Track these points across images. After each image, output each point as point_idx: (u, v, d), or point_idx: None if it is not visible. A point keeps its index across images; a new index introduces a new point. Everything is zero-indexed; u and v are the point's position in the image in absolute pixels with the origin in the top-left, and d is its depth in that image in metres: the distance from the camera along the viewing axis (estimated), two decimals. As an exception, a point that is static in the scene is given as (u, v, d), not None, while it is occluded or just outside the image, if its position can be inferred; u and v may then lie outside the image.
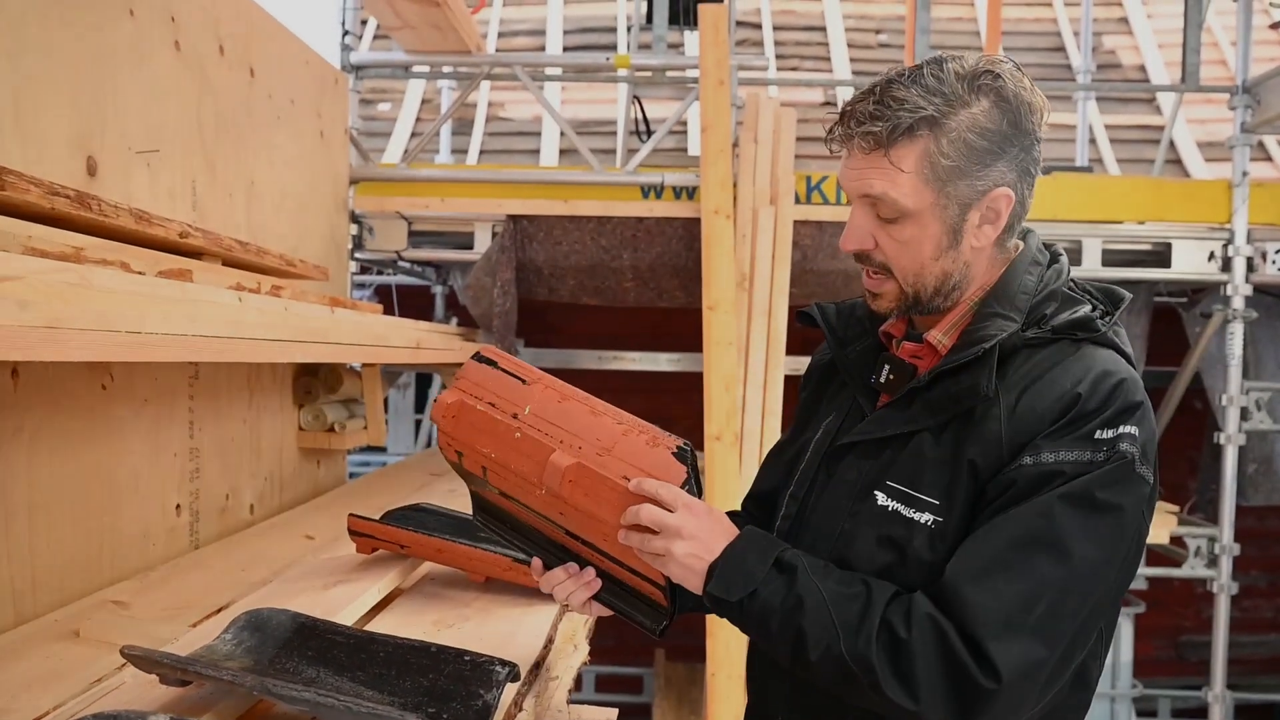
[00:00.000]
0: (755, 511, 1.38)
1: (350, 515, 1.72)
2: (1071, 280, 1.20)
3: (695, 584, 1.07)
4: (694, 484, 1.08)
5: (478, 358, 1.15)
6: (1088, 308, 1.14)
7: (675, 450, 1.09)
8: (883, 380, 1.20)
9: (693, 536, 1.06)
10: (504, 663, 1.11)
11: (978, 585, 1.01)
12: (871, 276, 1.16)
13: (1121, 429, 1.05)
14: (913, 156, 1.07)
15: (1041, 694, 1.02)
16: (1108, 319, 1.14)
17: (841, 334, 1.28)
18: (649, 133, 3.92)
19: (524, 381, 1.13)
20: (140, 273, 1.20)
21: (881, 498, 1.14)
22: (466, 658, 1.10)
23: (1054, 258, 1.19)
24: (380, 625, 1.44)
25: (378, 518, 1.75)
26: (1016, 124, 1.08)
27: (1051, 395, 1.07)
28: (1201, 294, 3.81)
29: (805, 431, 1.30)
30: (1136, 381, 1.09)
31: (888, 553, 1.13)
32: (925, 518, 1.10)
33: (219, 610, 1.45)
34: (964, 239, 1.12)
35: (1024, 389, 1.09)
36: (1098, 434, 1.04)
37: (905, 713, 1.00)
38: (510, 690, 1.13)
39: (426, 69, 3.99)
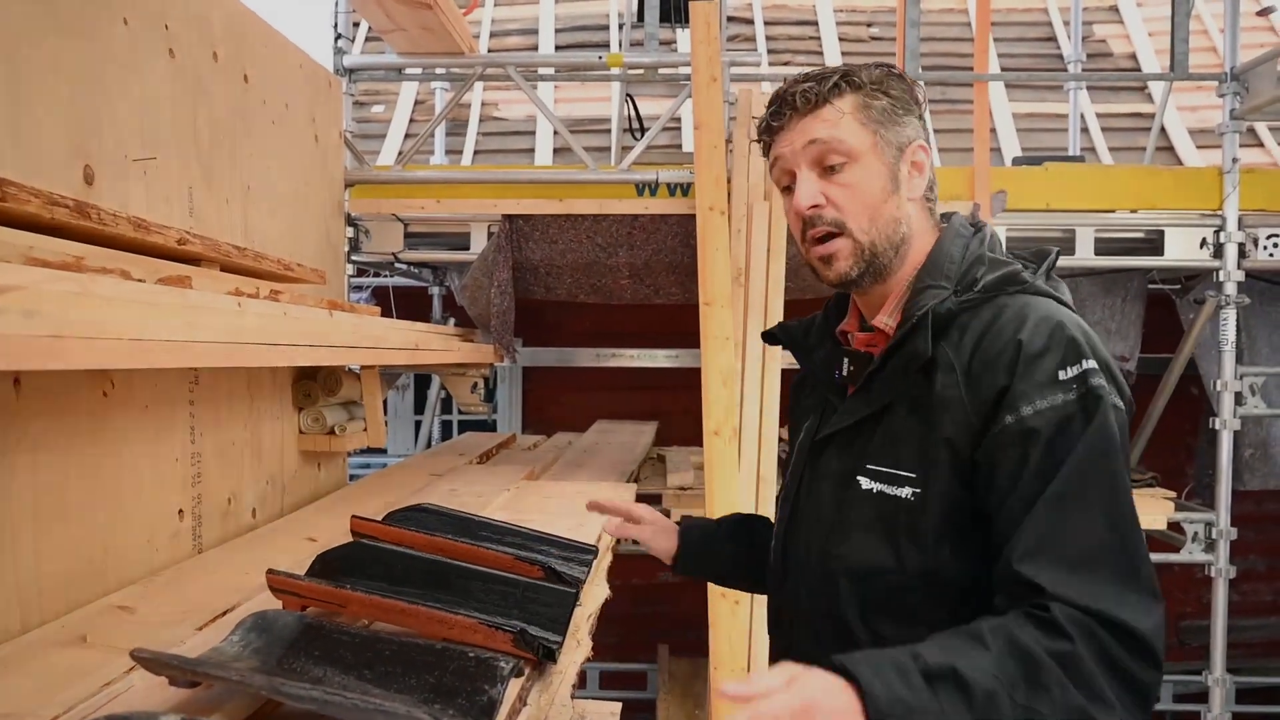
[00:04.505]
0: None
1: (353, 517, 1.74)
2: (1011, 253, 1.27)
3: None
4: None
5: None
6: (1016, 266, 1.21)
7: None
8: (845, 374, 1.28)
9: (819, 705, 0.89)
10: (508, 658, 1.12)
11: (1069, 571, 1.02)
12: (822, 243, 1.23)
13: (1084, 364, 1.09)
14: (850, 103, 1.21)
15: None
16: (1034, 271, 1.21)
17: (804, 343, 1.38)
18: (642, 130, 3.93)
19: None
20: (140, 280, 1.21)
21: (865, 482, 1.19)
22: (471, 654, 1.11)
23: (978, 229, 1.27)
24: (385, 624, 1.45)
25: (380, 519, 1.76)
26: (913, 96, 1.25)
27: (995, 348, 1.12)
28: (1195, 280, 3.82)
29: (796, 441, 1.38)
30: (1072, 319, 1.14)
31: (878, 534, 1.17)
32: (905, 492, 1.15)
33: (225, 613, 1.47)
34: (901, 186, 1.23)
35: (973, 350, 1.14)
36: (1061, 374, 1.09)
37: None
38: (514, 685, 1.14)
39: (419, 71, 4.00)
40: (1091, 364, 1.09)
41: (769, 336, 1.44)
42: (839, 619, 1.21)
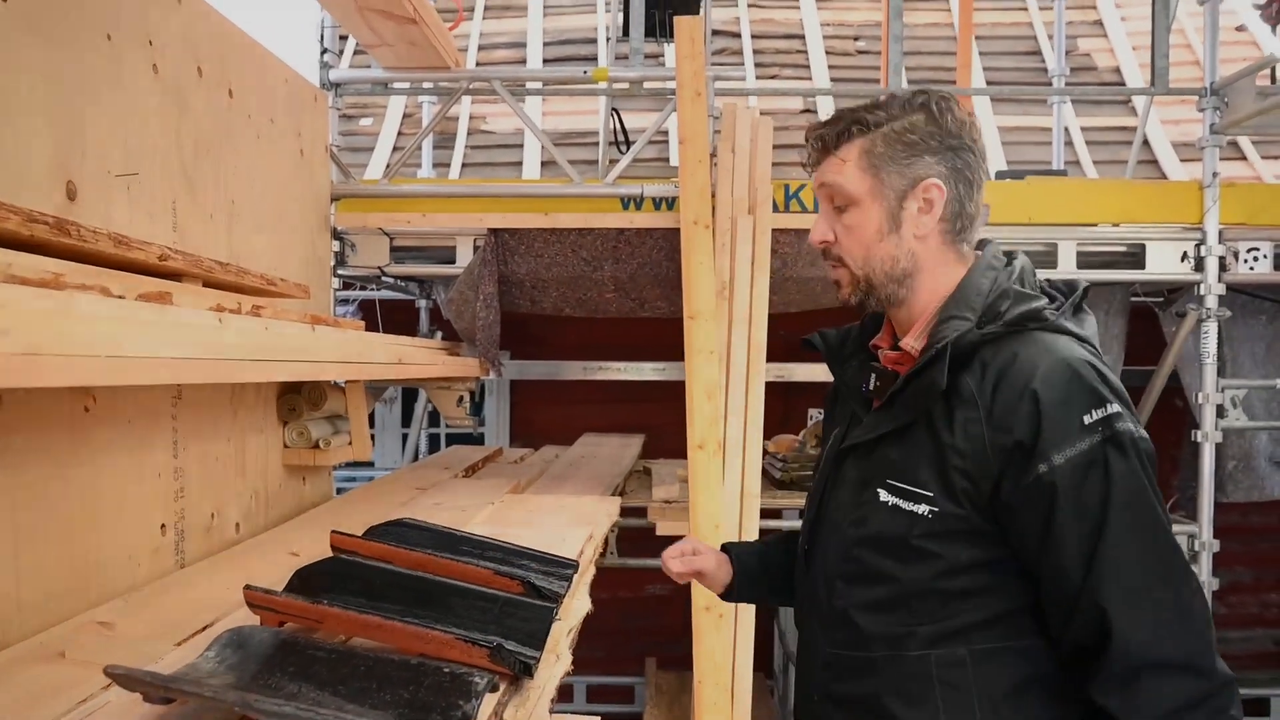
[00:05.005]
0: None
1: (333, 532, 1.74)
2: (1047, 280, 1.34)
3: None
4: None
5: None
6: (1041, 301, 1.26)
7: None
8: (871, 388, 1.35)
9: None
10: (483, 673, 1.13)
11: (1148, 629, 1.13)
12: (832, 269, 1.36)
13: (1109, 408, 1.16)
14: (854, 151, 1.30)
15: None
16: (1059, 308, 1.26)
17: (840, 353, 1.46)
18: (628, 144, 3.95)
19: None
20: (120, 297, 1.22)
21: (883, 494, 1.27)
22: (446, 669, 1.12)
23: (1010, 259, 1.34)
24: (364, 640, 1.45)
25: (361, 534, 1.76)
26: (944, 129, 1.28)
27: (1015, 393, 1.18)
28: (1177, 294, 3.85)
29: (827, 447, 1.46)
30: (1084, 361, 1.20)
31: (891, 545, 1.25)
32: (922, 509, 1.22)
33: (204, 629, 1.47)
34: (904, 226, 1.30)
35: (994, 391, 1.19)
36: (1086, 419, 1.15)
37: None
38: (490, 700, 1.14)
39: (406, 85, 4.01)
40: (1115, 408, 1.16)
41: (808, 343, 1.53)
42: (847, 618, 1.29)
